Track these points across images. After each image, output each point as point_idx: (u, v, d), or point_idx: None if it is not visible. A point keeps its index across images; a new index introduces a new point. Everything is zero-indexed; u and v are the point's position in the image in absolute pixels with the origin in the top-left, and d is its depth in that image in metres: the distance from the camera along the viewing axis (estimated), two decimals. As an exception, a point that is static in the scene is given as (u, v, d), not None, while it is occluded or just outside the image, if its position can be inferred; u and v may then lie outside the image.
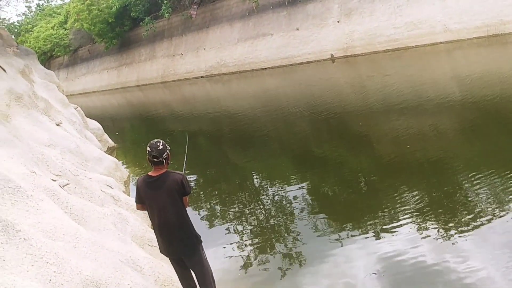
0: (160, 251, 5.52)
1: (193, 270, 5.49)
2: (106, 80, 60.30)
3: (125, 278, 4.89)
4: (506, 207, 7.45)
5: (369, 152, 12.22)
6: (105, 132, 18.80)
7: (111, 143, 18.43)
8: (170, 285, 5.97)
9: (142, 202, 5.29)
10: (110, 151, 17.06)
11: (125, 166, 15.69)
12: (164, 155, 5.04)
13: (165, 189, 5.07)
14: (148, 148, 5.04)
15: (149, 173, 5.18)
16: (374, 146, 12.71)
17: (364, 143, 13.05)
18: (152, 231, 7.54)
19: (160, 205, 5.12)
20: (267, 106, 23.24)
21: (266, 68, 36.39)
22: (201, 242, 5.39)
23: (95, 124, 18.40)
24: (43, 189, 5.95)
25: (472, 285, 5.81)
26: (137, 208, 5.52)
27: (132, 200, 9.04)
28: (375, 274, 6.49)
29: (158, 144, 5.05)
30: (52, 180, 6.89)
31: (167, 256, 5.60)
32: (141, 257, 6.08)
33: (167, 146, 5.17)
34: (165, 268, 6.38)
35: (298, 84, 27.77)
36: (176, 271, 5.60)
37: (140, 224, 7.69)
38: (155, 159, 5.02)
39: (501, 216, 7.21)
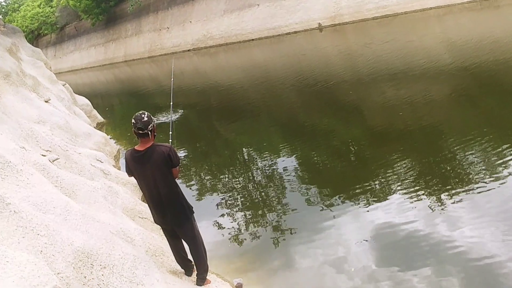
0: (154, 221, 5.59)
1: (185, 241, 5.57)
2: (94, 56, 59.92)
3: (116, 249, 4.95)
4: (499, 174, 7.44)
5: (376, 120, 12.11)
6: (94, 108, 18.80)
7: (100, 118, 18.47)
8: (161, 255, 6.05)
9: (132, 174, 5.31)
10: (99, 126, 17.13)
11: (114, 140, 15.68)
12: (149, 127, 4.94)
13: (152, 164, 5.02)
14: (133, 120, 4.94)
15: (136, 147, 5.12)
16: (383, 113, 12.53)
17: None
18: (143, 203, 7.66)
19: (150, 179, 5.11)
20: (255, 77, 23.13)
21: (253, 40, 36.15)
22: (193, 213, 5.43)
23: (84, 100, 18.40)
24: (33, 164, 5.97)
25: (464, 252, 5.82)
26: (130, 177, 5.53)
27: (122, 173, 9.12)
28: (366, 241, 6.58)
29: (143, 115, 4.94)
30: (42, 155, 6.93)
31: (160, 226, 5.69)
32: (132, 228, 6.14)
33: (153, 117, 5.07)
34: (156, 239, 6.46)
35: (291, 55, 27.39)
36: (168, 242, 5.68)
37: (130, 196, 7.76)
38: (140, 131, 4.93)
39: (494, 184, 7.18)
